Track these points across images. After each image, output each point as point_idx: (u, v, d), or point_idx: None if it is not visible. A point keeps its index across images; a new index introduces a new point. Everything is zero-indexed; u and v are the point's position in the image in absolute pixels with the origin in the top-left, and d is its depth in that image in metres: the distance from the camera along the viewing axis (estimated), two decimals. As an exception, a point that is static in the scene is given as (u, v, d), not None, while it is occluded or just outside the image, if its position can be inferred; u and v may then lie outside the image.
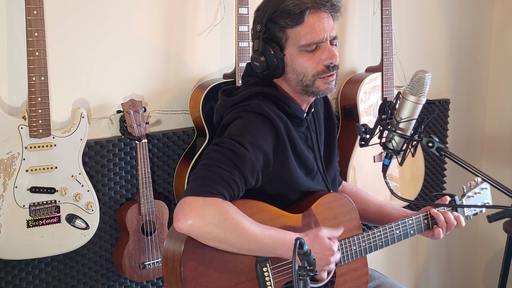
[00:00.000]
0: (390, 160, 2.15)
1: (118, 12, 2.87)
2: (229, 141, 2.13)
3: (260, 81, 2.33)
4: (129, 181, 2.98)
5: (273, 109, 2.24)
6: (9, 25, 2.60)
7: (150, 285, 3.13)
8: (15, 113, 2.62)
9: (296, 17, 2.20)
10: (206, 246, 2.07)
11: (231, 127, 2.22)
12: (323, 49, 2.24)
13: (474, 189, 2.65)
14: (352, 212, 2.42)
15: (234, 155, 2.09)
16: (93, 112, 2.87)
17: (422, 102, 2.07)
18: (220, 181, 2.05)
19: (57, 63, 2.72)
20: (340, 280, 2.36)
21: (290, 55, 2.25)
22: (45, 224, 2.65)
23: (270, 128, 2.21)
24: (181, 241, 2.07)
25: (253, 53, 2.31)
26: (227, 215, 2.03)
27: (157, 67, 3.01)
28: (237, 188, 2.09)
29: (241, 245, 2.08)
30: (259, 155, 2.15)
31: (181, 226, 2.01)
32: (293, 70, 2.26)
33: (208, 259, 2.09)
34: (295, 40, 2.23)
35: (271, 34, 2.25)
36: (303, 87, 2.27)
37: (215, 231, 2.03)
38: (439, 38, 4.10)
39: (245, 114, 2.22)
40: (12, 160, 2.56)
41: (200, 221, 2.00)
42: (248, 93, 2.29)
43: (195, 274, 2.07)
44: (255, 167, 2.14)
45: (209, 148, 2.16)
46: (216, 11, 3.12)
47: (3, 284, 2.72)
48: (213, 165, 2.07)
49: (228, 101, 2.32)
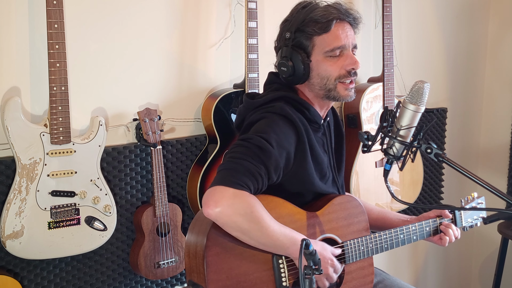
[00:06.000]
0: (391, 166, 2.15)
1: (135, 26, 2.86)
2: (256, 137, 2.13)
3: (283, 87, 2.35)
4: (145, 185, 2.96)
5: (294, 112, 2.25)
6: (32, 38, 2.59)
7: (164, 283, 3.12)
8: (37, 121, 2.61)
9: (323, 26, 2.24)
10: (228, 235, 2.07)
11: (257, 125, 2.22)
12: (346, 56, 2.27)
13: (471, 203, 2.68)
14: (362, 214, 2.43)
15: (261, 150, 2.09)
16: (111, 120, 2.85)
17: (421, 111, 2.07)
18: (247, 174, 2.05)
19: (77, 74, 2.71)
20: (348, 278, 2.36)
21: (316, 61, 2.27)
22: (65, 225, 2.63)
23: (292, 129, 2.22)
24: (205, 229, 2.07)
25: (281, 59, 2.32)
26: (253, 208, 2.03)
27: (171, 78, 2.99)
28: (261, 181, 2.09)
29: (260, 238, 2.08)
30: (282, 153, 2.16)
31: (210, 212, 2.01)
32: (318, 75, 2.28)
33: (230, 247, 2.09)
34: (321, 46, 2.26)
35: (299, 41, 2.28)
36: (326, 91, 2.29)
37: (241, 221, 2.03)
38: (437, 50, 4.08)
39: (269, 114, 2.23)
40: (34, 165, 2.55)
41: (229, 210, 2.00)
42: (272, 96, 2.30)
43: (217, 259, 2.06)
44: (279, 164, 2.14)
45: (236, 143, 2.17)
46: (227, 25, 3.11)
47: (26, 282, 2.71)
48: (241, 158, 2.07)
49: (253, 103, 2.32)
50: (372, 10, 3.64)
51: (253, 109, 2.31)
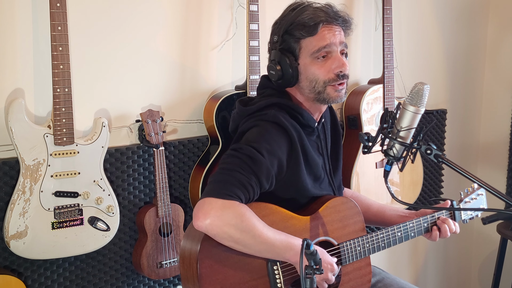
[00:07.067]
0: (391, 166, 2.15)
1: (137, 28, 2.85)
2: (247, 147, 2.11)
3: (275, 92, 2.33)
4: (147, 186, 2.96)
5: (287, 119, 2.23)
6: (35, 40, 2.59)
7: (166, 283, 3.11)
8: (40, 122, 2.61)
9: (310, 29, 2.22)
10: (221, 245, 2.05)
11: (248, 134, 2.20)
12: (334, 58, 2.24)
13: (471, 195, 2.66)
14: (357, 215, 2.41)
15: (251, 160, 2.08)
16: (114, 122, 2.85)
17: (421, 112, 2.06)
18: (237, 185, 2.04)
19: (80, 75, 2.70)
20: (345, 279, 2.34)
21: (304, 64, 2.25)
22: (69, 226, 2.63)
23: (284, 136, 2.20)
24: (198, 241, 2.05)
25: (270, 62, 2.31)
26: (243, 217, 2.01)
27: (174, 80, 2.99)
28: (252, 191, 2.07)
29: (254, 246, 2.06)
30: (274, 161, 2.14)
31: (200, 224, 1.99)
32: (306, 78, 2.26)
33: (223, 258, 2.07)
34: (307, 49, 2.24)
35: (287, 45, 2.26)
36: (315, 94, 2.27)
37: (232, 232, 2.01)
38: (437, 53, 4.07)
39: (261, 122, 2.21)
40: (38, 166, 2.54)
41: (219, 221, 1.99)
42: (265, 103, 2.27)
43: (210, 271, 2.05)
44: (270, 172, 2.12)
45: (227, 153, 2.15)
46: (229, 27, 3.10)
47: (30, 282, 2.70)
48: (231, 169, 2.06)
49: (245, 110, 2.31)
50: (372, 13, 3.64)
51: (246, 116, 2.29)
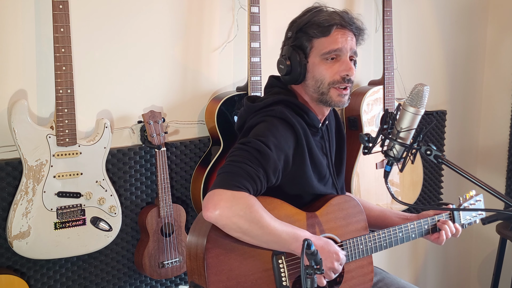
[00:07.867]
0: (391, 167, 2.14)
1: (139, 30, 2.85)
2: (255, 141, 2.12)
3: (283, 91, 2.35)
4: (149, 186, 2.96)
5: (294, 116, 2.25)
6: (38, 41, 2.59)
7: (168, 282, 3.11)
8: (43, 123, 2.61)
9: (324, 29, 2.25)
10: (228, 236, 2.06)
11: (256, 129, 2.21)
12: (342, 61, 2.26)
13: (469, 201, 2.69)
14: (360, 214, 2.42)
15: (259, 154, 2.09)
16: (116, 122, 2.85)
17: (421, 113, 2.06)
18: (246, 177, 2.04)
19: (82, 77, 2.70)
20: (348, 276, 2.36)
21: (313, 63, 2.27)
22: (71, 226, 2.63)
23: (291, 132, 2.22)
24: (205, 231, 2.07)
25: (280, 57, 2.35)
26: (252, 208, 2.02)
27: (175, 81, 2.99)
28: (260, 184, 2.08)
29: (261, 237, 2.07)
30: (280, 156, 2.15)
31: (209, 215, 2.00)
32: (313, 77, 2.28)
33: (230, 249, 2.08)
34: (318, 48, 2.26)
35: (299, 42, 2.29)
36: (319, 94, 2.29)
37: (241, 222, 2.01)
38: (437, 54, 4.07)
39: (268, 118, 2.23)
40: (41, 167, 2.54)
41: (228, 211, 1.99)
42: (272, 100, 2.29)
43: (217, 261, 2.06)
44: (277, 166, 2.14)
45: (235, 147, 2.16)
46: (230, 28, 3.10)
47: (32, 282, 2.71)
48: (240, 162, 2.07)
49: (253, 107, 2.32)
50: (372, 14, 3.64)
51: (253, 113, 2.30)
